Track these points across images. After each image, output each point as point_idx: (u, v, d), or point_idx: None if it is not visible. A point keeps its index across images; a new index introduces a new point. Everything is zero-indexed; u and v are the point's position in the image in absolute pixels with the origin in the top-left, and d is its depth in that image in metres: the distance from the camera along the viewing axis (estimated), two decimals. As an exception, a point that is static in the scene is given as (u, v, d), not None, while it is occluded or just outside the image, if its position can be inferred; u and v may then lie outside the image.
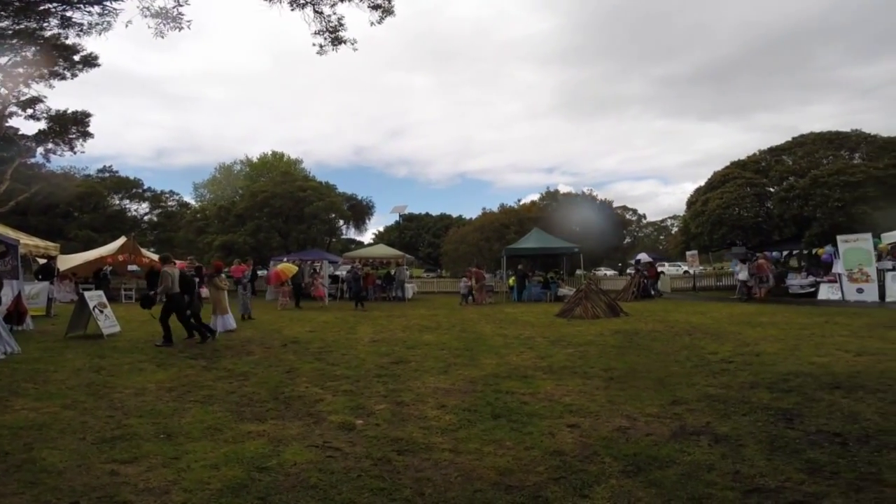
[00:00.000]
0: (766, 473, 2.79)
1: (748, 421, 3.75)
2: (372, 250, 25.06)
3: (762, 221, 21.53)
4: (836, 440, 3.28)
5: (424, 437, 3.64)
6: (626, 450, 3.26)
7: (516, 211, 33.65)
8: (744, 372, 5.48)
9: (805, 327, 8.94)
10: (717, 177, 24.16)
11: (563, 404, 4.48)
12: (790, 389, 4.60)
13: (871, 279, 13.94)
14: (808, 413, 3.87)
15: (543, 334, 9.43)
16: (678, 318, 11.37)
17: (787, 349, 6.79)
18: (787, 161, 22.19)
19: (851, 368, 5.40)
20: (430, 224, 56.87)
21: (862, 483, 2.62)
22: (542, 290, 19.82)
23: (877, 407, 3.96)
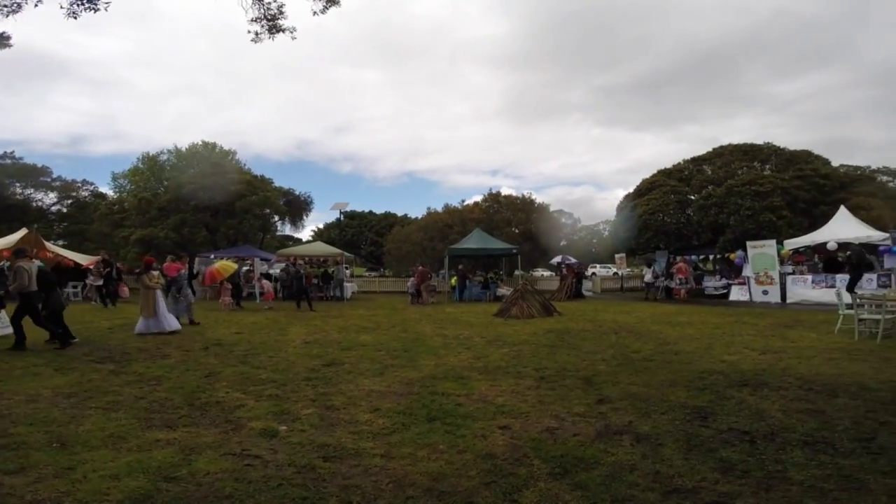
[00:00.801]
0: (683, 473, 2.89)
1: (667, 419, 3.93)
2: (309, 248, 24.16)
3: (683, 227, 23.24)
4: (746, 438, 3.45)
5: (354, 443, 3.52)
6: (554, 451, 3.31)
7: (460, 211, 33.96)
8: (663, 370, 5.79)
9: (718, 326, 9.65)
10: (645, 184, 25.77)
11: (496, 405, 4.50)
12: (704, 387, 4.89)
13: (774, 282, 15.41)
14: (721, 411, 4.09)
15: (481, 334, 9.52)
16: (606, 318, 11.92)
17: (703, 348, 7.27)
18: (707, 171, 24.10)
19: (757, 366, 5.83)
20: (373, 222, 55.95)
21: (771, 482, 2.76)
22: (483, 291, 20.13)
23: (780, 404, 4.25)
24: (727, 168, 22.99)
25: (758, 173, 21.95)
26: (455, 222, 30.11)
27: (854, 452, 3.11)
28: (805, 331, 8.60)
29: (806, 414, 3.91)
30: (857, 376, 5.09)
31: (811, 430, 3.54)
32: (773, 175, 21.32)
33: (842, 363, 5.79)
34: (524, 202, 34.81)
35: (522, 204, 34.54)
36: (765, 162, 23.17)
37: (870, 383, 4.79)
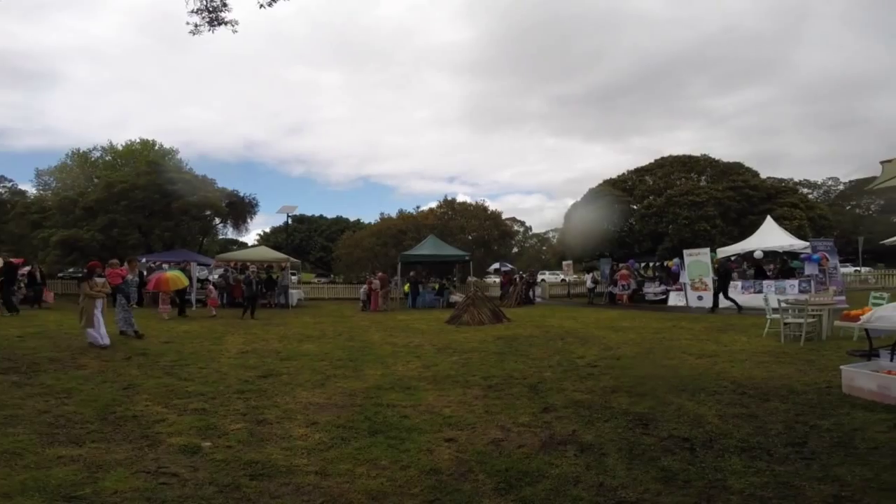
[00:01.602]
0: (626, 485, 2.86)
1: (610, 427, 3.93)
2: (251, 252, 23.05)
3: (626, 235, 24.29)
4: (686, 445, 3.47)
5: (286, 459, 3.29)
6: (499, 464, 3.22)
7: (414, 217, 33.76)
8: (606, 376, 5.87)
9: (657, 331, 10.01)
10: (592, 194, 26.77)
11: (443, 416, 4.38)
12: (645, 393, 4.97)
13: (708, 288, 16.33)
14: (661, 417, 4.14)
15: (432, 342, 9.37)
16: (553, 324, 12.12)
17: (643, 353, 7.48)
18: (649, 181, 25.38)
19: (694, 371, 6.02)
20: (323, 227, 54.53)
21: (712, 491, 2.75)
22: (436, 297, 20.06)
23: (716, 409, 4.34)
24: (667, 179, 24.33)
25: (695, 184, 23.37)
26: (409, 228, 29.89)
27: (788, 458, 3.18)
28: (736, 334, 9.04)
29: (741, 419, 4.00)
30: (786, 379, 5.33)
31: (746, 435, 3.61)
32: (709, 186, 22.78)
33: (771, 366, 6.06)
34: (478, 209, 35.16)
35: (476, 211, 34.88)
36: (701, 173, 24.71)
37: (797, 386, 5.01)
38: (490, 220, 34.37)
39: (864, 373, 4.51)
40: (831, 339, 7.85)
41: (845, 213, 45.14)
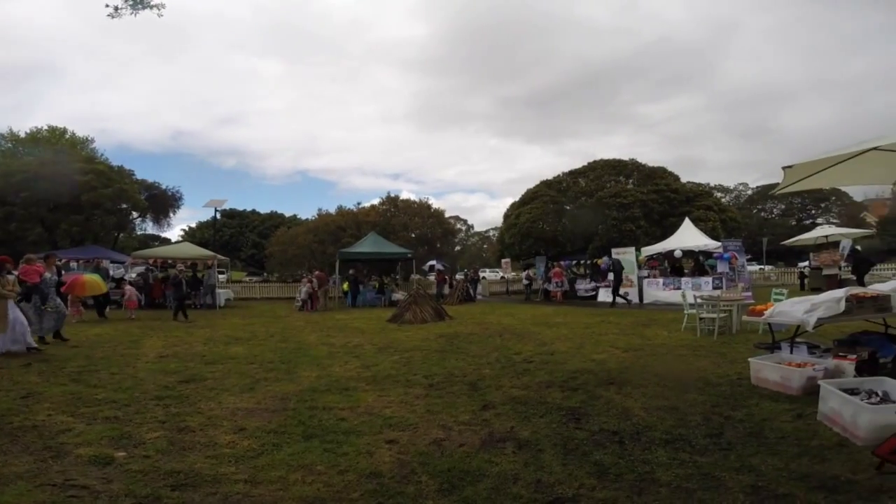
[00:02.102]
0: (563, 481, 2.92)
1: (545, 423, 4.02)
2: (173, 249, 21.33)
3: (559, 234, 25.27)
4: (615, 439, 3.57)
5: (212, 468, 3.10)
6: (441, 465, 3.20)
7: (355, 214, 33.04)
8: (541, 371, 6.03)
9: (588, 326, 10.49)
10: (529, 194, 27.56)
11: (383, 417, 4.30)
12: (577, 387, 5.15)
13: (634, 284, 17.43)
14: (592, 411, 4.28)
15: (372, 341, 9.21)
16: (492, 321, 12.36)
17: (575, 347, 7.78)
18: (581, 183, 26.52)
19: (621, 364, 6.32)
20: (256, 222, 51.88)
21: (642, 484, 2.83)
22: (377, 296, 19.78)
23: (642, 402, 4.55)
24: (598, 181, 25.56)
25: (622, 187, 24.74)
26: (349, 225, 29.21)
27: (708, 449, 3.33)
28: (658, 329, 9.65)
29: (664, 411, 4.20)
30: (702, 371, 5.69)
31: (670, 427, 3.78)
32: (635, 189, 24.22)
33: (689, 359, 6.48)
34: (421, 207, 35.11)
35: (420, 209, 34.80)
36: (629, 176, 26.18)
37: (712, 378, 5.34)
38: (433, 218, 34.49)
39: (768, 365, 4.84)
40: (741, 332, 8.54)
41: (753, 215, 50.11)
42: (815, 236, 22.37)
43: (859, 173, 5.02)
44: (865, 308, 5.06)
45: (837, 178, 5.08)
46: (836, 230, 22.99)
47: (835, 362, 4.59)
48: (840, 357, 4.67)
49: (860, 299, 5.03)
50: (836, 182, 5.32)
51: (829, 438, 3.33)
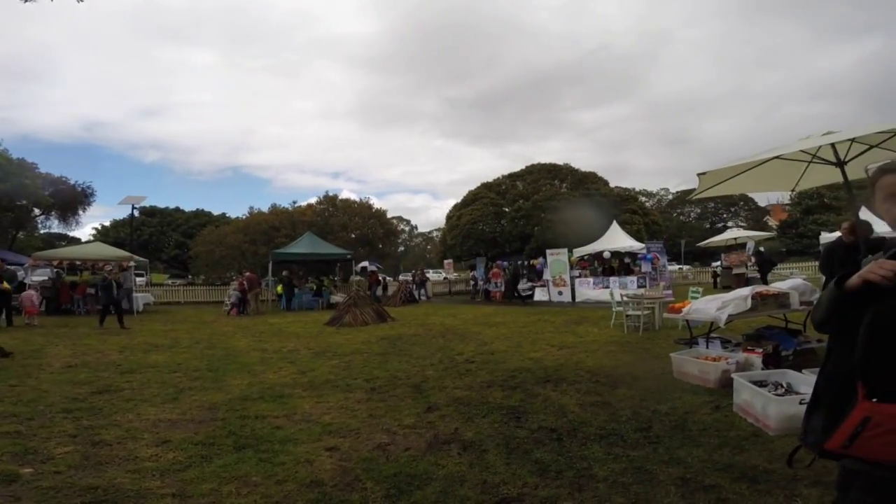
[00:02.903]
0: (507, 480, 2.95)
1: (488, 423, 4.08)
2: (82, 250, 19.25)
3: (498, 236, 25.91)
4: (554, 436, 3.66)
5: (134, 483, 2.90)
6: (387, 470, 3.15)
7: (290, 213, 31.67)
8: (483, 371, 6.13)
9: (525, 325, 10.80)
10: (470, 196, 28.01)
11: (322, 424, 4.16)
12: (516, 386, 5.27)
13: (567, 284, 18.22)
14: (531, 409, 4.39)
15: (309, 346, 8.89)
16: (435, 322, 12.39)
17: (513, 346, 7.97)
18: (519, 186, 27.33)
19: (556, 362, 6.54)
20: (180, 221, 48.23)
21: (581, 481, 2.89)
22: (314, 298, 19.09)
23: (576, 398, 4.71)
24: (535, 185, 26.49)
25: (557, 190, 25.82)
26: (284, 224, 27.95)
27: (639, 443, 3.45)
28: (590, 326, 10.13)
29: (597, 407, 4.38)
30: (630, 367, 6.00)
31: (603, 422, 3.94)
32: (568, 192, 25.38)
33: (618, 355, 6.83)
34: (362, 207, 34.40)
35: (360, 208, 34.08)
36: (563, 181, 27.38)
37: (638, 373, 5.64)
38: (375, 218, 33.92)
39: (688, 359, 5.18)
40: (663, 328, 9.13)
41: (673, 219, 54.22)
42: (726, 238, 24.69)
43: (764, 181, 5.53)
44: (768, 305, 5.64)
45: (745, 184, 5.52)
46: (743, 233, 25.55)
47: (744, 356, 5.02)
48: (749, 351, 5.13)
49: (764, 297, 5.59)
50: (744, 189, 5.82)
51: (745, 429, 3.58)
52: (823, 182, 5.26)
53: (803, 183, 5.44)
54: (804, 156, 4.70)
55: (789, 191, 5.83)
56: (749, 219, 51.10)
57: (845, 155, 4.41)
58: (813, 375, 3.70)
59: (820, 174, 4.99)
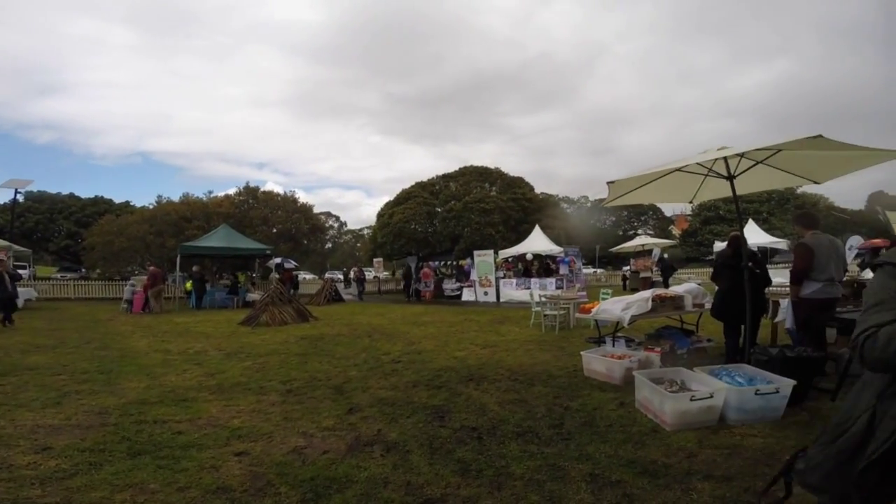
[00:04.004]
0: (431, 481, 2.93)
1: (411, 423, 4.04)
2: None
3: (430, 235, 26.01)
4: (475, 435, 3.68)
5: (10, 492, 2.65)
6: (303, 474, 3.02)
7: (204, 204, 29.42)
8: (408, 371, 6.08)
9: (452, 325, 10.92)
10: (403, 194, 27.78)
11: (230, 428, 3.92)
12: (441, 385, 5.28)
13: (492, 284, 18.75)
14: (454, 408, 4.41)
15: (220, 346, 8.31)
16: (362, 321, 12.14)
17: (440, 345, 8.00)
18: (452, 187, 27.57)
19: (479, 360, 6.65)
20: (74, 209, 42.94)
21: (500, 479, 2.91)
22: (228, 296, 17.88)
23: (496, 397, 4.78)
24: (467, 186, 26.88)
25: (486, 193, 26.41)
26: (196, 216, 25.92)
27: (552, 440, 3.52)
28: (511, 326, 10.45)
29: (515, 404, 4.48)
30: (546, 365, 6.20)
31: (520, 420, 4.02)
32: (497, 196, 26.07)
33: (535, 353, 7.05)
34: (286, 200, 32.82)
35: (284, 202, 32.49)
36: (493, 184, 28.04)
37: (553, 370, 5.83)
38: (300, 212, 32.53)
39: (596, 357, 5.43)
40: (577, 327, 9.63)
41: (590, 225, 57.90)
42: (635, 245, 26.91)
43: (667, 192, 6.03)
44: (666, 306, 6.17)
45: (650, 195, 5.96)
46: (650, 240, 27.96)
47: (645, 354, 5.38)
48: (649, 349, 5.54)
49: (662, 299, 6.11)
50: (649, 199, 6.29)
51: (646, 424, 3.79)
52: (718, 195, 5.79)
53: (701, 195, 6.02)
54: (701, 169, 5.20)
55: (689, 202, 6.40)
56: (656, 227, 56.00)
57: (735, 169, 4.94)
58: (704, 374, 4.04)
59: (715, 187, 5.53)
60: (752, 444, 3.26)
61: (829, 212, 43.60)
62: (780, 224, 37.05)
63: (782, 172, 5.05)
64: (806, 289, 4.72)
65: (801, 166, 4.93)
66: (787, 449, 3.07)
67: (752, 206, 42.35)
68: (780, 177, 5.15)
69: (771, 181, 5.36)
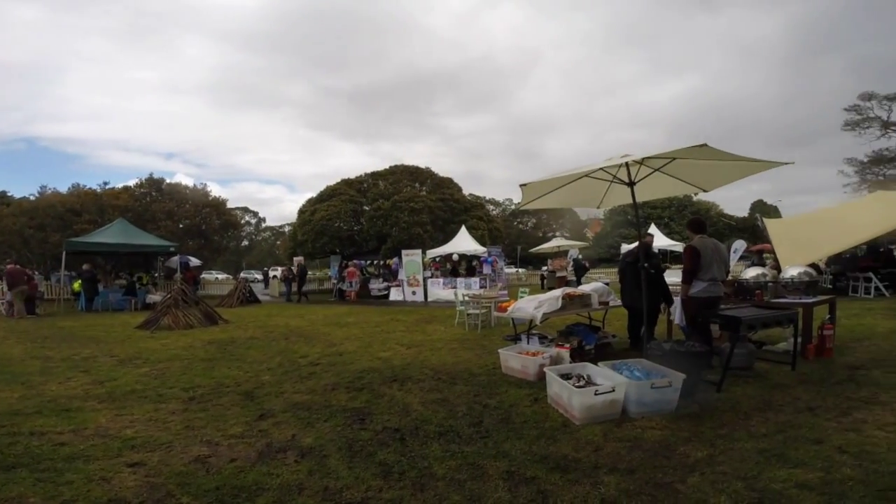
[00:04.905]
0: (350, 485, 2.85)
1: (329, 427, 3.90)
2: None
3: (356, 234, 25.44)
4: (397, 436, 3.63)
5: None
6: (208, 483, 2.83)
7: (97, 196, 26.37)
8: (328, 373, 5.88)
9: (378, 325, 10.75)
10: (328, 191, 26.87)
11: (122, 439, 3.61)
12: (362, 387, 5.15)
13: (420, 284, 18.77)
14: (376, 410, 4.32)
15: (112, 352, 7.52)
16: (279, 323, 11.57)
17: (363, 346, 7.83)
18: (381, 185, 27.16)
19: (404, 361, 6.58)
20: (-73, 193, 36.50)
21: (423, 480, 2.89)
22: (125, 298, 16.17)
23: (420, 397, 4.75)
24: (397, 185, 26.62)
25: (416, 193, 26.36)
26: (88, 209, 23.19)
27: (472, 438, 3.54)
28: (438, 325, 10.49)
29: (437, 404, 4.48)
30: (468, 363, 6.26)
31: (442, 419, 4.02)
32: (426, 196, 26.12)
33: (459, 352, 7.12)
34: (195, 193, 30.37)
35: (193, 195, 30.04)
36: (423, 183, 28.02)
37: (475, 369, 5.91)
38: (211, 206, 30.30)
39: (512, 355, 5.56)
40: (498, 326, 9.83)
41: (513, 227, 60.10)
42: (552, 246, 28.44)
43: (578, 197, 6.36)
44: (575, 304, 6.55)
45: (562, 199, 6.19)
46: (566, 242, 29.67)
47: (557, 350, 5.60)
48: (560, 346, 5.80)
49: (571, 297, 6.47)
50: (562, 203, 6.47)
51: (557, 420, 3.92)
52: (623, 201, 6.22)
53: (607, 201, 6.45)
54: (607, 176, 5.57)
55: (596, 207, 6.82)
56: (572, 230, 59.47)
57: (635, 177, 5.36)
58: (607, 369, 4.27)
59: (620, 194, 5.95)
60: (651, 437, 3.46)
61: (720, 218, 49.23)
62: (679, 228, 40.97)
63: (677, 180, 5.57)
64: (693, 288, 5.23)
65: (692, 175, 5.47)
66: (681, 440, 3.34)
67: (655, 212, 46.51)
68: (675, 185, 5.68)
69: (666, 189, 5.88)
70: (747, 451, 3.10)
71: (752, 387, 4.56)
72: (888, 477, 2.66)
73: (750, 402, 4.12)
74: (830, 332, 5.63)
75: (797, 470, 2.80)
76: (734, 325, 4.63)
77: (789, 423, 3.57)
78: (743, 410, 3.91)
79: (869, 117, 33.65)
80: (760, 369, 5.19)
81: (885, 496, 2.47)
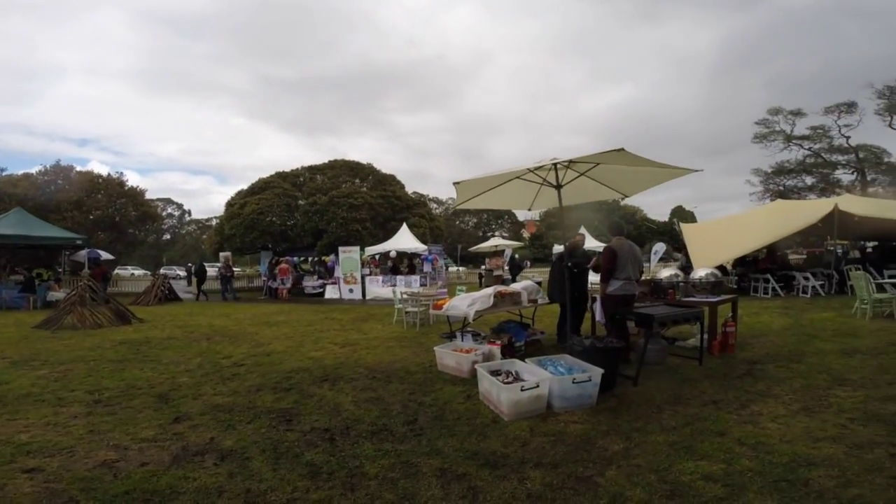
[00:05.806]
0: (275, 487, 2.75)
1: (252, 429, 3.74)
2: None
3: (290, 229, 24.50)
4: (326, 436, 3.56)
5: None
6: (115, 488, 2.66)
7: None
8: (253, 374, 5.63)
9: (311, 324, 10.42)
10: (260, 183, 25.64)
11: (15, 444, 3.34)
12: (290, 388, 4.98)
13: (357, 282, 18.45)
14: (304, 411, 4.19)
15: (3, 353, 6.76)
16: (201, 322, 10.90)
17: (294, 346, 7.55)
18: (319, 179, 26.29)
19: (337, 360, 6.43)
20: None
21: (353, 480, 2.85)
22: (22, 295, 14.55)
23: (352, 396, 4.66)
24: (336, 180, 25.88)
25: (356, 188, 25.81)
26: (-23, 193, 20.50)
27: (406, 437, 3.53)
28: (375, 323, 10.38)
29: (370, 403, 4.41)
30: (404, 361, 6.23)
31: (375, 418, 3.97)
32: (367, 192, 25.65)
33: (395, 350, 7.07)
34: (108, 182, 27.79)
35: (107, 184, 27.47)
36: (364, 179, 27.46)
37: (411, 367, 5.89)
38: (127, 197, 27.89)
39: (447, 352, 5.62)
40: (436, 323, 9.80)
41: (455, 226, 60.79)
42: (490, 245, 29.06)
43: (510, 198, 6.52)
44: (506, 302, 6.73)
45: (496, 200, 6.34)
46: (503, 242, 30.44)
47: (489, 347, 5.72)
48: (492, 343, 5.95)
49: (503, 295, 6.65)
50: (496, 204, 6.58)
51: (487, 416, 3.99)
52: (552, 204, 6.47)
53: (538, 203, 6.70)
54: (537, 178, 5.79)
55: (527, 209, 7.07)
56: (510, 230, 61.25)
57: (563, 180, 5.61)
58: (533, 365, 4.43)
59: (550, 196, 6.18)
60: (573, 431, 3.60)
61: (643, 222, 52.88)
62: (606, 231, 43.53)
63: (601, 185, 5.91)
64: (609, 286, 5.57)
65: (615, 181, 5.83)
66: (601, 434, 3.50)
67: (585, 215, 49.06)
68: (599, 189, 6.02)
69: (591, 193, 6.22)
70: (659, 445, 3.29)
71: (665, 380, 4.89)
72: (780, 468, 2.89)
73: (662, 395, 4.40)
74: (732, 329, 6.20)
75: (703, 462, 2.98)
76: (648, 322, 4.98)
77: (696, 416, 3.83)
78: (656, 404, 4.17)
79: (775, 131, 37.30)
80: (672, 364, 5.60)
81: (777, 487, 2.67)
